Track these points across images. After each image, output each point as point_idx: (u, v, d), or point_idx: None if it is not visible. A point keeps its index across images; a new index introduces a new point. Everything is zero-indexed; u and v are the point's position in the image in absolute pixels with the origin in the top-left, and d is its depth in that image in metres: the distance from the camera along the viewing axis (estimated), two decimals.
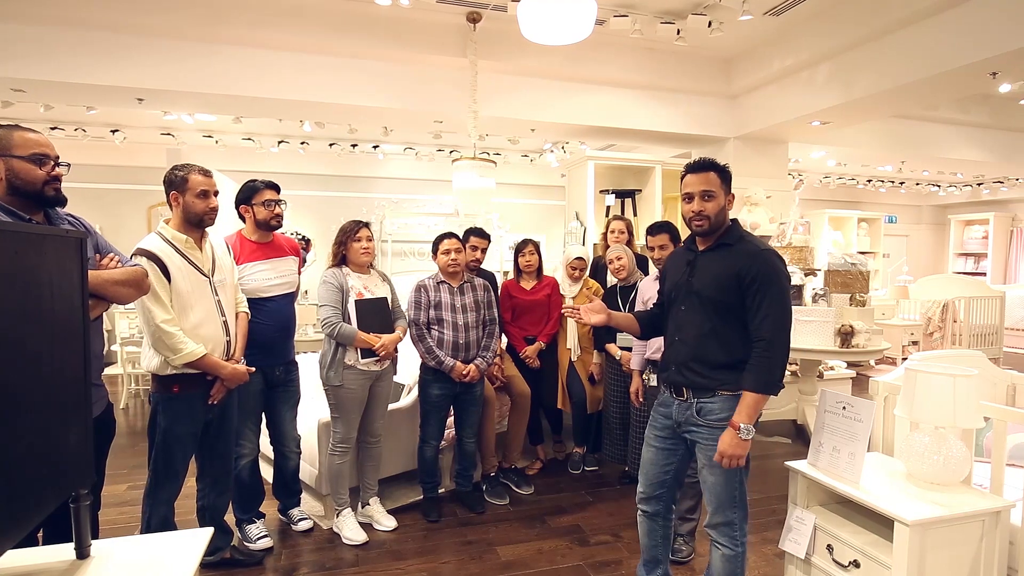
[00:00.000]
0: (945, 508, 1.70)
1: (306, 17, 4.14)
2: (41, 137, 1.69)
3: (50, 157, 1.67)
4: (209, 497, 2.39)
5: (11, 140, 1.63)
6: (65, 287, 1.27)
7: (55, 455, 1.22)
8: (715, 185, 1.91)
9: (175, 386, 2.13)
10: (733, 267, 1.86)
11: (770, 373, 1.80)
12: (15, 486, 1.08)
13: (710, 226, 1.92)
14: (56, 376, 1.23)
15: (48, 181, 1.66)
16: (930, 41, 3.81)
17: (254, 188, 2.60)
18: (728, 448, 1.81)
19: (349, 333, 2.64)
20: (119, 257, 1.86)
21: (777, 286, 1.83)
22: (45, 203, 1.68)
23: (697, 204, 1.91)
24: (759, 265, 1.83)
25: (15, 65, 3.88)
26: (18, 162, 1.62)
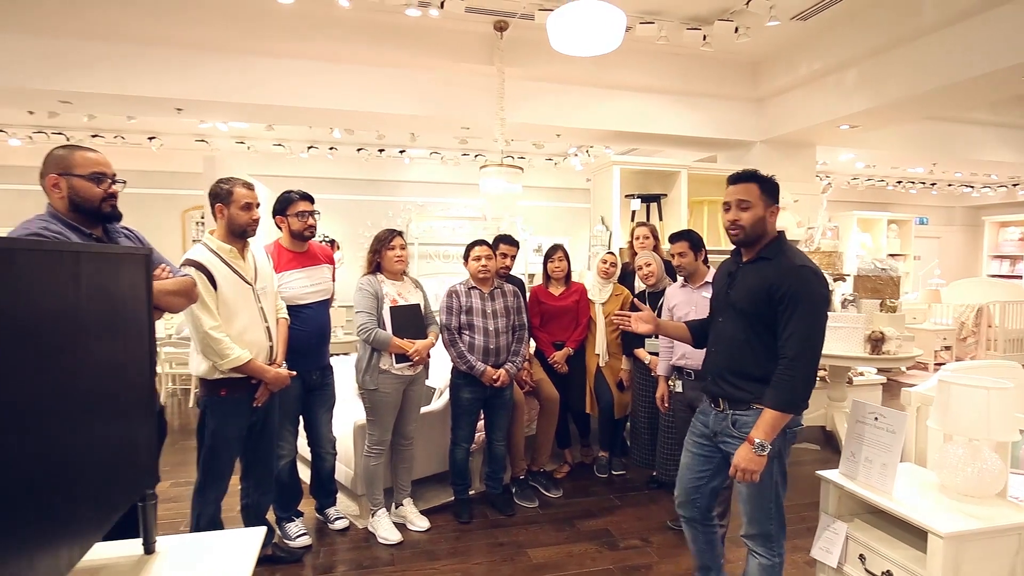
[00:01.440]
0: (980, 521, 1.71)
1: (337, 28, 4.24)
2: (99, 156, 1.79)
3: (107, 175, 1.77)
4: (253, 496, 2.48)
5: (72, 160, 1.73)
6: (134, 299, 1.36)
7: (130, 457, 1.31)
8: (753, 195, 1.90)
9: (222, 390, 2.23)
10: (767, 281, 1.85)
11: (791, 392, 1.79)
12: (101, 486, 1.17)
13: (745, 236, 1.91)
14: (130, 383, 1.32)
15: (105, 198, 1.76)
16: (962, 45, 3.76)
17: (289, 199, 2.70)
18: (741, 461, 1.82)
19: (384, 339, 2.72)
20: (170, 267, 1.96)
21: (807, 304, 1.80)
22: (103, 218, 1.78)
23: (732, 213, 1.92)
24: (791, 281, 1.81)
25: (63, 78, 4.05)
26: (78, 180, 1.72)
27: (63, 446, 1.02)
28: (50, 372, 0.98)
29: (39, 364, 0.94)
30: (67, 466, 1.04)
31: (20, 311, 0.89)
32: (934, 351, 7.26)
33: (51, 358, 0.98)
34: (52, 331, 0.99)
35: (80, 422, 1.09)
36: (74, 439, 1.06)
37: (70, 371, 1.05)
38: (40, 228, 1.64)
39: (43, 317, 0.96)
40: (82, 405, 1.10)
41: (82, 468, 1.10)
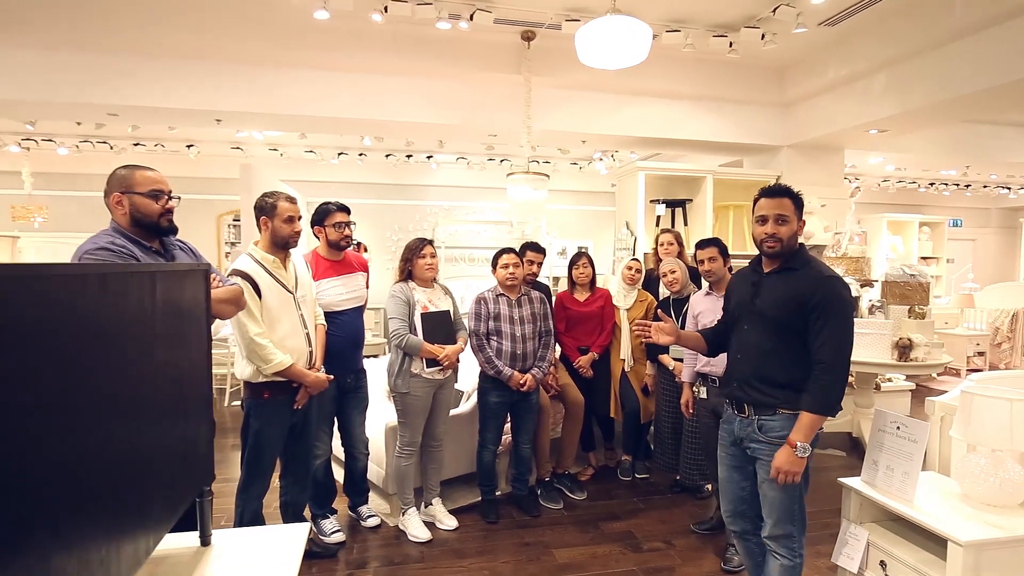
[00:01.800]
0: (1001, 530, 1.74)
1: (369, 40, 4.38)
2: (157, 175, 1.93)
3: (164, 192, 1.91)
4: (291, 493, 2.62)
5: (133, 179, 1.87)
6: (196, 310, 1.48)
7: (193, 456, 1.43)
8: (789, 210, 1.98)
9: (265, 392, 2.36)
10: (798, 290, 1.93)
11: (827, 396, 1.87)
12: (170, 483, 1.29)
13: (781, 248, 1.98)
14: (193, 387, 1.44)
15: (163, 213, 1.89)
16: (992, 51, 3.73)
17: (327, 211, 2.82)
18: (784, 464, 1.88)
19: (416, 344, 2.83)
20: (219, 276, 2.09)
21: (840, 313, 1.89)
22: (161, 232, 1.92)
23: (771, 227, 1.98)
24: (824, 291, 1.89)
25: (111, 92, 4.26)
26: (139, 198, 1.86)
27: (142, 445, 1.14)
28: (132, 378, 1.10)
29: (125, 370, 1.06)
30: (145, 464, 1.16)
31: (110, 325, 1.00)
32: (967, 356, 7.13)
33: (134, 365, 1.10)
34: (135, 341, 1.10)
35: (155, 423, 1.21)
36: (150, 439, 1.18)
37: (148, 377, 1.17)
38: (107, 243, 1.77)
39: (127, 329, 1.07)
40: (156, 408, 1.22)
41: (156, 466, 1.22)
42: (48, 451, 0.81)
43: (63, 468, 0.85)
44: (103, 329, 0.98)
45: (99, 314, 0.96)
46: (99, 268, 0.94)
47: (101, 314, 0.97)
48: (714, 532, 3.05)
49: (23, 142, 6.39)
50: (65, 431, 0.86)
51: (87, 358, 0.92)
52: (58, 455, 0.84)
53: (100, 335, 0.96)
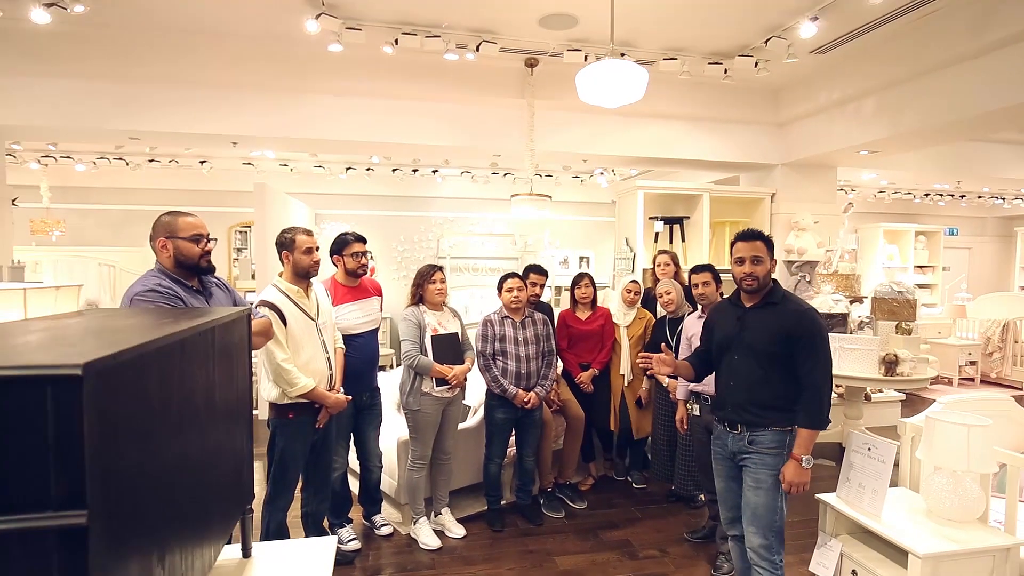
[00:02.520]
0: (958, 544, 1.93)
1: (378, 68, 4.60)
2: (197, 220, 2.14)
3: (204, 236, 2.12)
4: (312, 504, 2.82)
5: (177, 225, 2.08)
6: (241, 349, 1.69)
7: (239, 477, 1.64)
8: (762, 251, 2.25)
9: (290, 413, 2.56)
10: (783, 325, 2.19)
11: (820, 412, 2.13)
12: (225, 501, 1.50)
13: (758, 285, 2.26)
14: (239, 416, 1.64)
15: (202, 255, 2.10)
16: (974, 82, 3.92)
17: (345, 242, 3.03)
18: (793, 477, 2.13)
19: (426, 365, 3.04)
20: (248, 308, 2.30)
21: (820, 339, 2.16)
22: (200, 272, 2.12)
23: (748, 267, 2.25)
24: (806, 324, 2.17)
25: (133, 119, 4.47)
26: (182, 242, 2.07)
27: (212, 470, 1.35)
28: (204, 414, 1.30)
29: (200, 408, 1.27)
30: (212, 485, 1.37)
31: (189, 375, 1.21)
32: (959, 366, 7.31)
33: (206, 403, 1.31)
34: (204, 386, 1.31)
35: (218, 451, 1.41)
36: (217, 465, 1.39)
37: (210, 412, 1.38)
38: (155, 285, 1.99)
39: (199, 376, 1.28)
40: (219, 438, 1.42)
41: (219, 487, 1.43)
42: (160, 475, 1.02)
43: (170, 491, 1.06)
44: (191, 378, 1.19)
45: (185, 370, 1.17)
46: (180, 335, 1.13)
47: (186, 369, 1.18)
48: (706, 540, 3.24)
49: (42, 159, 6.63)
50: (169, 463, 1.07)
51: (178, 404, 1.13)
52: (166, 479, 1.05)
53: (187, 383, 1.18)
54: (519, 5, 3.81)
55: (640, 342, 3.91)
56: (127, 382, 0.92)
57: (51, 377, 0.75)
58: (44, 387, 0.75)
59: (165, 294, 1.97)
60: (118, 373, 0.87)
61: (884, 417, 5.58)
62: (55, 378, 0.75)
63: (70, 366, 0.75)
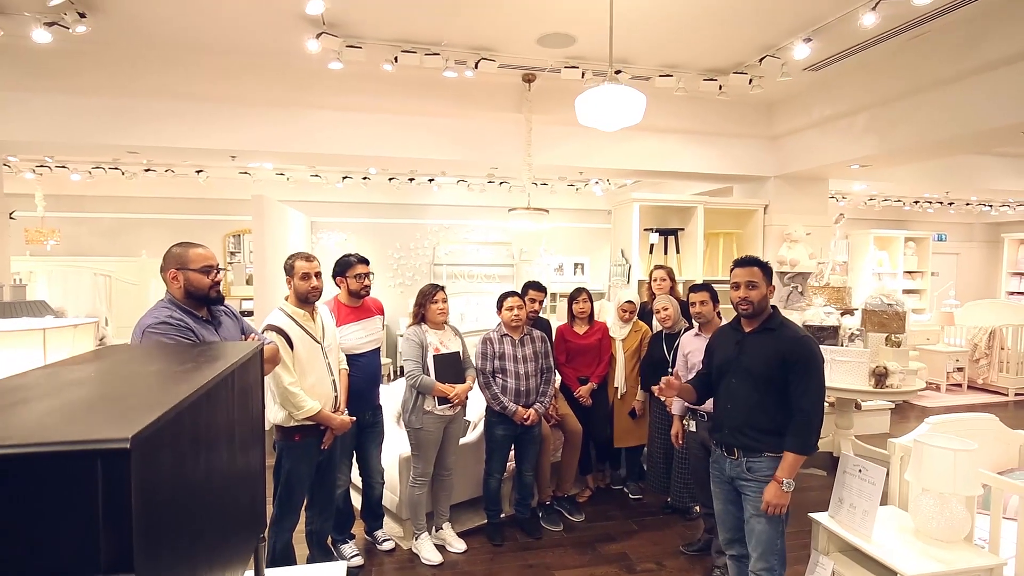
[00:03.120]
0: (943, 564, 2.01)
1: (377, 83, 4.64)
2: (208, 252, 2.18)
3: (214, 267, 2.16)
4: (316, 523, 2.87)
5: (188, 257, 2.12)
6: (255, 383, 1.74)
7: (253, 507, 1.69)
8: (758, 277, 2.33)
9: (296, 435, 2.61)
10: (779, 350, 2.26)
11: (808, 438, 2.19)
12: (243, 531, 1.55)
13: (753, 311, 2.33)
14: (254, 448, 1.69)
15: (212, 286, 2.14)
16: (964, 102, 4.02)
17: (348, 263, 3.08)
18: (773, 499, 2.20)
19: (428, 384, 3.09)
20: (257, 336, 2.35)
21: (814, 366, 2.23)
22: (210, 302, 2.17)
23: (743, 292, 2.33)
24: (801, 350, 2.24)
25: (131, 134, 4.50)
26: (193, 274, 2.11)
27: (231, 507, 1.40)
28: (223, 457, 1.36)
29: (219, 455, 1.32)
30: (233, 520, 1.42)
31: (214, 422, 1.26)
32: (946, 372, 7.44)
33: (225, 447, 1.36)
34: (226, 428, 1.37)
35: (238, 484, 1.46)
36: (237, 497, 1.44)
37: (230, 452, 1.43)
38: (167, 317, 2.03)
39: (222, 419, 1.33)
40: (234, 472, 1.47)
41: (238, 520, 1.48)
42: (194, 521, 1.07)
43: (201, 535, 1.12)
44: (216, 425, 1.24)
45: (211, 418, 1.22)
46: (205, 387, 1.18)
47: (212, 417, 1.23)
48: (701, 553, 3.32)
49: (37, 168, 6.62)
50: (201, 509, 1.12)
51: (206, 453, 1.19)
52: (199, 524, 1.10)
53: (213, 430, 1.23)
54: (518, 24, 3.86)
55: (636, 355, 3.98)
56: (166, 443, 0.98)
57: (101, 452, 0.80)
58: (95, 460, 0.80)
59: (177, 326, 2.02)
60: (159, 437, 0.93)
61: (874, 425, 5.68)
62: (105, 452, 0.80)
63: (119, 440, 0.80)
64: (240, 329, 2.31)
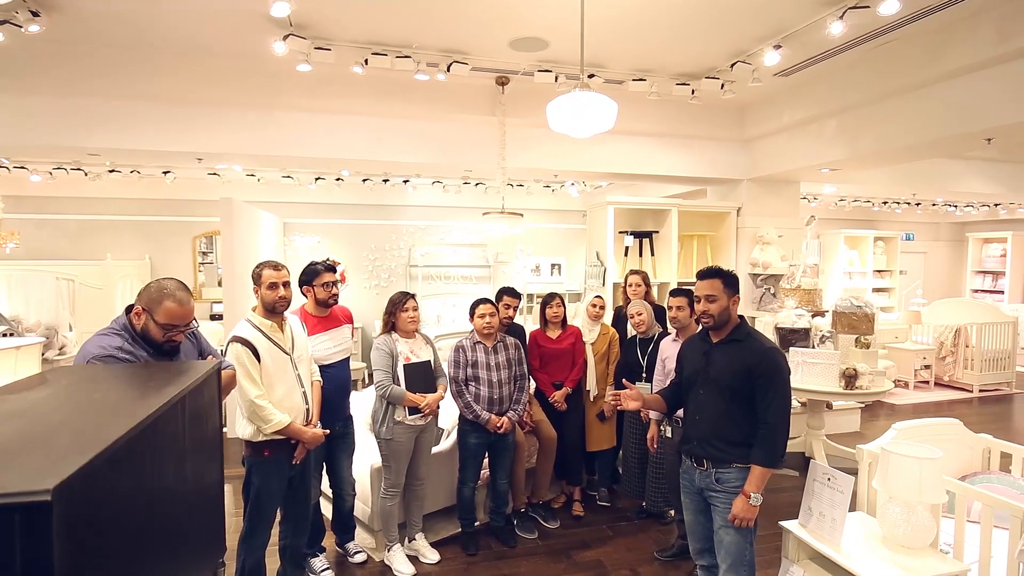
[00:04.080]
0: (909, 572, 2.03)
1: (348, 86, 4.56)
2: (181, 310, 1.96)
3: (179, 328, 1.97)
4: (290, 538, 2.80)
5: (159, 308, 1.93)
6: (211, 406, 1.67)
7: (213, 533, 1.63)
8: (718, 290, 2.31)
9: (266, 450, 2.54)
10: (745, 362, 2.25)
11: (773, 449, 2.19)
12: (199, 559, 1.49)
13: (715, 323, 2.33)
14: (210, 471, 1.63)
15: (166, 342, 1.96)
16: (929, 109, 4.09)
17: (315, 272, 3.01)
18: (740, 512, 2.19)
19: (399, 394, 3.04)
20: (215, 356, 2.26)
21: (782, 381, 2.22)
22: (162, 354, 1.97)
23: (703, 305, 2.34)
24: (766, 363, 2.23)
25: (90, 136, 4.36)
26: (153, 324, 1.93)
27: (180, 537, 1.34)
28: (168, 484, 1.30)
29: (165, 488, 1.26)
30: (183, 550, 1.36)
31: (159, 455, 1.20)
32: (914, 370, 7.61)
33: (173, 478, 1.30)
34: (175, 458, 1.31)
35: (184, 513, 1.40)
36: (182, 528, 1.38)
37: (181, 482, 1.37)
38: (115, 350, 1.86)
39: (170, 451, 1.27)
40: (185, 500, 1.41)
41: (190, 549, 1.42)
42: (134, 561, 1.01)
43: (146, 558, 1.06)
44: (162, 457, 1.18)
45: (156, 451, 1.16)
46: (149, 419, 1.12)
47: (157, 450, 1.17)
48: (675, 559, 3.33)
49: None
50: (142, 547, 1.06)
51: (148, 490, 1.13)
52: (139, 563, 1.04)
53: (159, 463, 1.17)
54: (490, 27, 3.82)
55: (604, 359, 3.97)
56: (100, 486, 0.92)
57: (19, 505, 0.74)
58: (12, 515, 0.74)
59: (125, 362, 1.89)
60: (90, 483, 0.87)
61: (844, 424, 5.78)
62: (23, 506, 0.74)
63: (39, 492, 0.75)
64: (199, 352, 2.23)
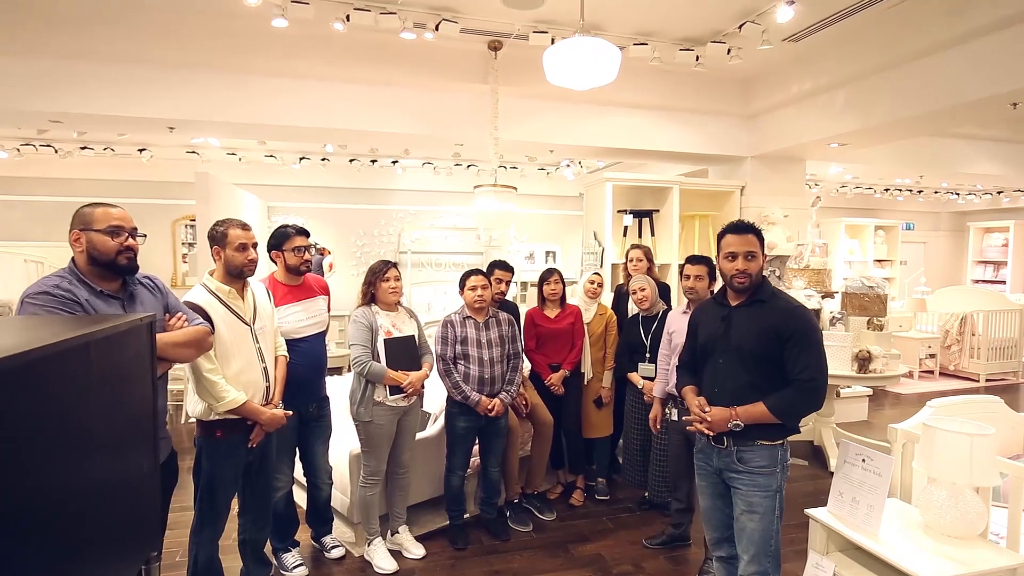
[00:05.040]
0: (963, 565, 1.77)
1: (330, 47, 4.24)
2: (119, 212, 1.81)
3: (124, 229, 1.79)
4: (250, 531, 2.51)
5: (92, 216, 1.77)
6: (140, 367, 1.37)
7: (134, 522, 1.32)
8: (756, 246, 2.03)
9: (218, 431, 2.24)
10: (771, 323, 1.97)
11: (792, 408, 1.95)
12: (115, 551, 1.19)
13: (751, 284, 2.03)
14: (134, 447, 1.33)
15: (121, 251, 1.77)
16: (949, 72, 3.83)
17: (285, 235, 2.71)
18: (714, 418, 1.99)
19: (379, 371, 2.74)
20: (186, 316, 1.97)
21: (812, 339, 1.96)
22: (118, 271, 1.79)
23: (741, 263, 2.02)
24: (796, 322, 1.96)
25: (52, 99, 4.02)
26: (96, 235, 1.75)
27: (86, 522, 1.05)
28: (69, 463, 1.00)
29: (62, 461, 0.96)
30: (91, 540, 1.07)
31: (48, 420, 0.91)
32: (919, 359, 7.38)
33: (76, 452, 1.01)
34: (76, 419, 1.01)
35: (96, 499, 1.11)
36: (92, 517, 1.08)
37: (89, 456, 1.07)
38: (51, 287, 1.67)
39: (66, 415, 0.98)
40: (98, 483, 1.12)
41: (106, 537, 1.12)
42: None
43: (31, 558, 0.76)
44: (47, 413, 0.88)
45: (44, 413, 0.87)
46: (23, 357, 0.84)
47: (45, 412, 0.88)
48: (665, 546, 3.11)
49: None
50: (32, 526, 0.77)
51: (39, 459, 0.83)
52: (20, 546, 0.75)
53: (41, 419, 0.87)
54: None
55: (601, 339, 3.70)
56: None
57: None
58: None
59: (61, 299, 1.64)
60: None
61: (852, 413, 5.53)
62: None
63: None
64: (165, 307, 1.94)
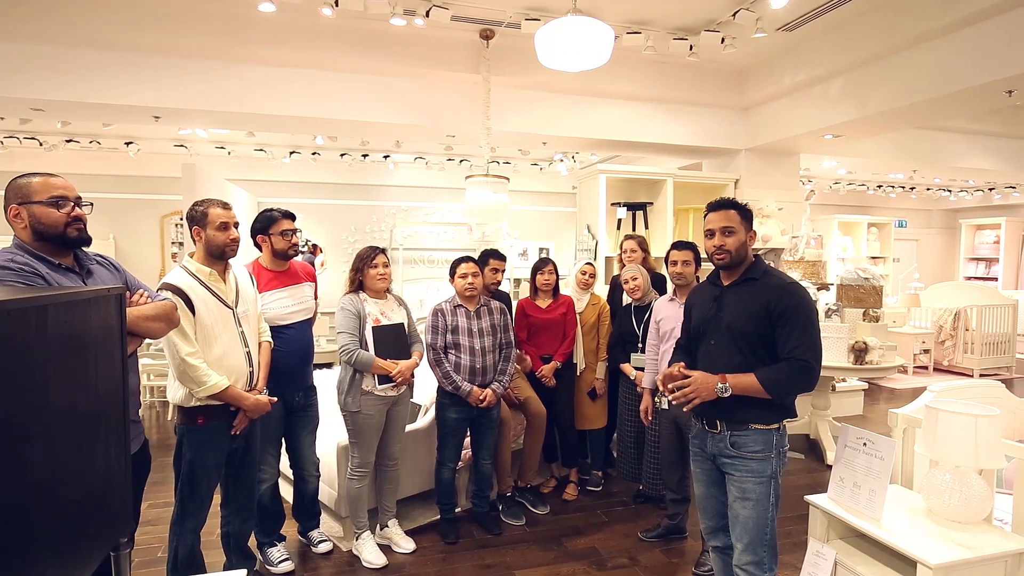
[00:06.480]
0: (968, 550, 1.71)
1: (319, 35, 4.16)
2: (60, 180, 1.71)
3: (68, 199, 1.68)
4: (233, 524, 2.42)
5: (31, 187, 1.66)
6: (108, 341, 1.29)
7: (103, 506, 1.25)
8: (735, 221, 1.97)
9: (199, 418, 2.16)
10: (762, 300, 1.90)
11: (782, 384, 1.85)
12: (75, 539, 1.11)
13: (731, 260, 1.97)
14: (103, 426, 1.25)
15: (69, 223, 1.68)
16: (945, 59, 3.79)
17: (271, 218, 2.63)
18: (699, 383, 1.88)
19: (367, 360, 2.67)
20: (148, 293, 1.89)
21: (804, 315, 1.87)
22: (69, 244, 1.70)
23: (718, 239, 1.97)
24: (787, 298, 1.88)
25: (33, 86, 3.92)
26: (38, 207, 1.64)
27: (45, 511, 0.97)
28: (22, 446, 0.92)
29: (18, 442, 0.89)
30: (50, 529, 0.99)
31: None
32: (913, 354, 7.37)
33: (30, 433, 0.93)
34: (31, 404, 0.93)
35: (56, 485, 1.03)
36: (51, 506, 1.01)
37: (48, 439, 1.00)
38: (6, 261, 1.57)
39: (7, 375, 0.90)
40: (59, 468, 1.04)
41: (60, 523, 1.05)
42: None
43: None
44: None
45: None
46: None
47: None
48: (660, 539, 3.06)
49: None
50: None
51: None
52: None
53: None
54: None
55: (594, 329, 3.64)
56: None
57: None
58: None
59: (19, 271, 1.56)
60: None
61: (848, 407, 5.50)
62: None
63: None
64: (124, 284, 1.85)
